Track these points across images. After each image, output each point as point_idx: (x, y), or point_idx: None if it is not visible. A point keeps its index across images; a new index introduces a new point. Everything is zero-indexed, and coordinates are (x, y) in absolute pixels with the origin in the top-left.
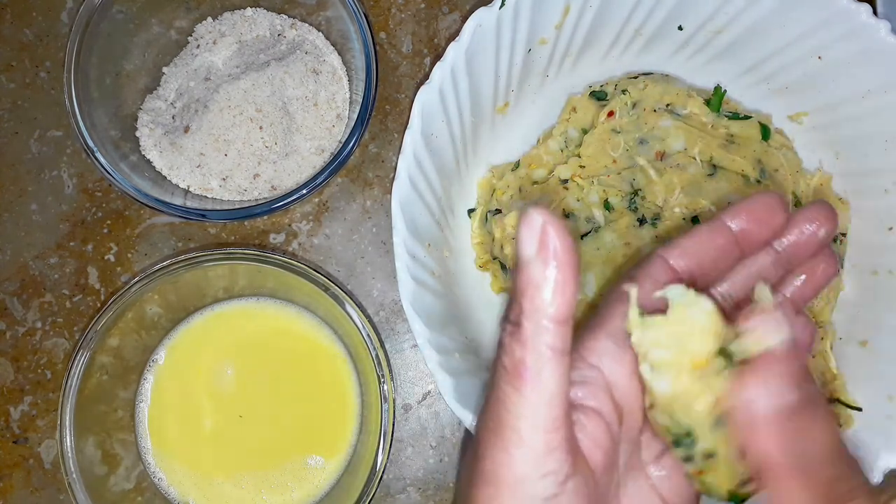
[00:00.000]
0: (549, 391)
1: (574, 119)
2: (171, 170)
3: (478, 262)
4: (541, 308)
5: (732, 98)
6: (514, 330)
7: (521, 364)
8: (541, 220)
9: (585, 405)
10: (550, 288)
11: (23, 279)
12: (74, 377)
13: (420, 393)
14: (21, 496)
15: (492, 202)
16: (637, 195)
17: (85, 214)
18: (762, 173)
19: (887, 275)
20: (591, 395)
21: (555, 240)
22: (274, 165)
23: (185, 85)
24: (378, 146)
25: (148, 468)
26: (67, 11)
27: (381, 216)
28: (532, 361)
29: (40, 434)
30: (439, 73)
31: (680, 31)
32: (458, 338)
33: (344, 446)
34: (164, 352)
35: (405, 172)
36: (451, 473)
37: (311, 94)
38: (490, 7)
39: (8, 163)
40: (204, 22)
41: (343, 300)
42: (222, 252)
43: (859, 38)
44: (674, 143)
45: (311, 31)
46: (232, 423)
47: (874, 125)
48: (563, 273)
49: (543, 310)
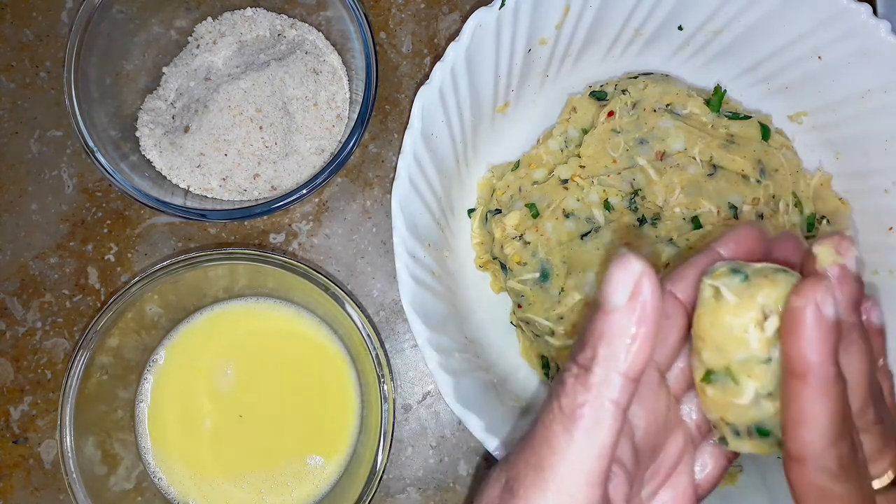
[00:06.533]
0: (602, 444)
1: (574, 119)
2: (171, 170)
3: (478, 262)
4: (617, 360)
5: (732, 98)
6: (581, 373)
7: (580, 409)
8: (640, 268)
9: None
10: (630, 342)
11: (23, 279)
12: (74, 377)
13: (420, 393)
14: (21, 496)
15: (492, 202)
16: (637, 195)
17: (85, 214)
18: (762, 173)
19: (888, 275)
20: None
21: (648, 293)
22: (274, 165)
23: (185, 85)
24: (378, 146)
25: (148, 468)
26: (67, 11)
27: (381, 216)
28: (592, 410)
29: (40, 434)
30: (439, 73)
31: (680, 31)
32: (458, 338)
33: (344, 446)
34: (164, 352)
35: (405, 172)
36: (451, 473)
37: (311, 94)
38: (490, 7)
39: (8, 163)
40: (204, 22)
41: (343, 300)
42: (222, 252)
43: (859, 38)
44: (674, 143)
45: (311, 31)
46: (232, 423)
47: (874, 125)
48: (648, 330)
49: (619, 362)
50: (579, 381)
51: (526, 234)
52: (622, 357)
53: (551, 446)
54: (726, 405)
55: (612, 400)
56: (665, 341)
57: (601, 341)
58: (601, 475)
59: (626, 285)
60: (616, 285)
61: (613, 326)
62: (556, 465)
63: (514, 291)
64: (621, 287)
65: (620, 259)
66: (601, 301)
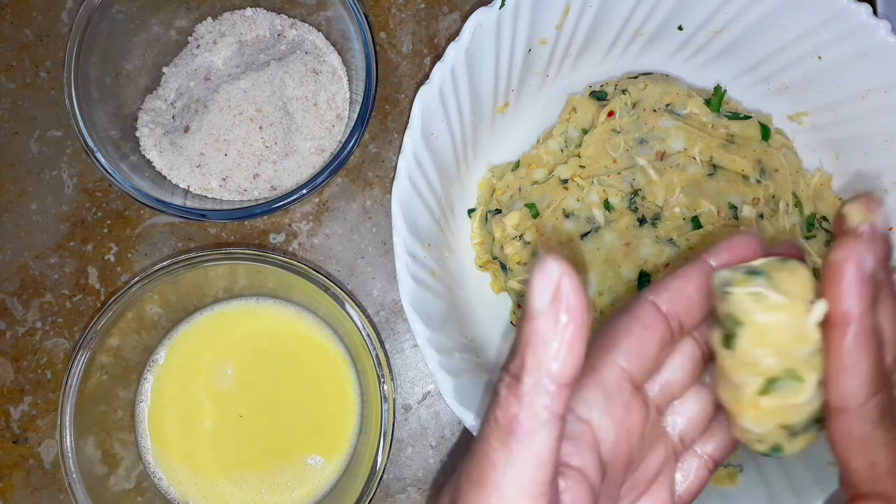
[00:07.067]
0: (539, 455)
1: (574, 119)
2: (171, 170)
3: (478, 262)
4: (545, 366)
5: (732, 98)
6: (512, 383)
7: (514, 421)
8: (558, 270)
9: (570, 465)
10: (558, 346)
11: (23, 279)
12: (74, 377)
13: (420, 393)
14: (21, 496)
15: (492, 202)
16: (637, 195)
17: (85, 214)
18: (762, 173)
19: None
20: (576, 452)
21: (570, 295)
22: (274, 165)
23: (185, 85)
24: (378, 146)
25: (148, 468)
26: (67, 11)
27: (381, 216)
28: (527, 420)
29: (40, 434)
30: (439, 73)
31: (680, 31)
32: (458, 338)
33: (344, 446)
34: (164, 352)
35: (405, 172)
36: (451, 474)
37: (311, 94)
38: (490, 7)
39: (8, 163)
40: (204, 22)
41: (343, 300)
42: (222, 252)
43: (859, 38)
44: (674, 143)
45: (311, 31)
46: (232, 423)
47: (874, 125)
48: (574, 332)
49: (547, 368)
50: (511, 392)
51: (526, 234)
52: (550, 363)
53: (490, 460)
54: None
55: (545, 408)
56: (641, 353)
57: (528, 349)
58: (542, 486)
59: (546, 288)
60: (537, 290)
61: (538, 332)
62: (495, 479)
63: (514, 291)
64: (541, 291)
65: (539, 263)
66: (524, 308)
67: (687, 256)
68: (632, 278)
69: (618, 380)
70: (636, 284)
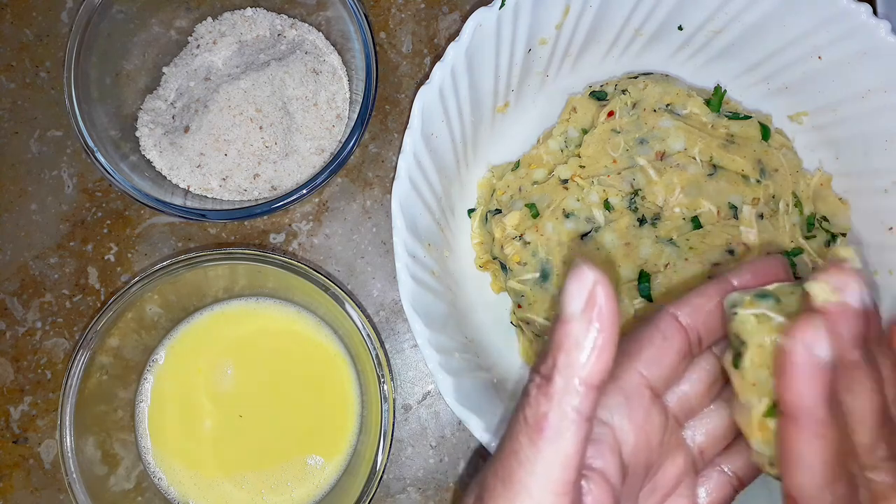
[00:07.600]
0: (566, 454)
1: (574, 119)
2: (171, 170)
3: (478, 262)
4: (576, 368)
5: (732, 98)
6: (543, 384)
7: (543, 419)
8: (593, 277)
9: (593, 466)
10: (589, 349)
11: (23, 279)
12: (74, 377)
13: (420, 393)
14: (21, 496)
15: (492, 202)
16: (637, 195)
17: (85, 214)
18: (762, 173)
19: (887, 275)
20: (598, 454)
21: (603, 302)
22: (274, 165)
23: (185, 85)
24: (378, 146)
25: (148, 468)
26: (67, 11)
27: (381, 216)
28: (555, 420)
29: (40, 434)
30: (439, 73)
31: (680, 31)
32: (458, 338)
33: (344, 446)
34: (164, 352)
35: (405, 172)
36: (451, 473)
37: (311, 94)
38: (490, 7)
39: (8, 163)
40: (204, 22)
41: (343, 300)
42: (222, 252)
43: (859, 38)
44: (674, 143)
45: (311, 31)
46: (232, 423)
47: (874, 125)
48: (605, 337)
49: (578, 370)
50: (541, 392)
51: (526, 234)
52: (581, 365)
53: (518, 458)
54: None
55: (574, 408)
56: (661, 362)
57: (560, 350)
58: (567, 485)
59: (580, 295)
60: (572, 295)
61: (571, 335)
62: (522, 476)
63: (514, 291)
64: (576, 296)
65: (575, 270)
66: (559, 312)
67: (687, 257)
68: (632, 278)
69: (638, 386)
70: (636, 284)
